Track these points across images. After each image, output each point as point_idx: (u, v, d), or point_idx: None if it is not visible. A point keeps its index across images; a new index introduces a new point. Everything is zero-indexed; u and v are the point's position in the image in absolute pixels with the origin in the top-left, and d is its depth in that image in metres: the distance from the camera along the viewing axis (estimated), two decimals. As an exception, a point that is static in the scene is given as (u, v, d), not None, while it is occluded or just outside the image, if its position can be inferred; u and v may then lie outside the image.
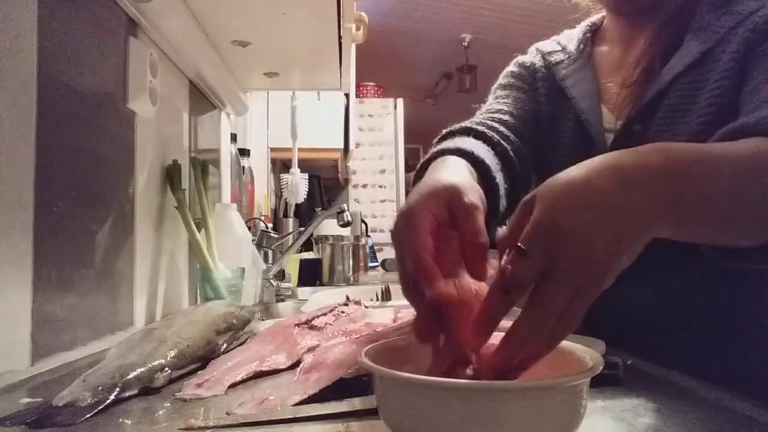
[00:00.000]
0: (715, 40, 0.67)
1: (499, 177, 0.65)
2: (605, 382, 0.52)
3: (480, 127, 0.72)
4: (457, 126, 0.74)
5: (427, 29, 4.04)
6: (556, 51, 0.85)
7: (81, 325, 0.71)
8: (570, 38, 0.87)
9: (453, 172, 0.52)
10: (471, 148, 0.63)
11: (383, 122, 3.95)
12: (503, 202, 0.66)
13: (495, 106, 0.82)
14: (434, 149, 0.65)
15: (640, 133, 0.70)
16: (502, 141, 0.72)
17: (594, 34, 0.85)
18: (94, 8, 0.77)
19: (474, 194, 0.45)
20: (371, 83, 4.16)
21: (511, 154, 0.72)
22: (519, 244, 0.36)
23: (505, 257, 0.38)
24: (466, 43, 4.16)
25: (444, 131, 0.74)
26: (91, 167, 0.75)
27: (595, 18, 0.86)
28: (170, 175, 1.02)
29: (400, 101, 3.98)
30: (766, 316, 0.71)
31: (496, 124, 0.76)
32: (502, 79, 0.89)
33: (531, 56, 0.89)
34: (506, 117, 0.79)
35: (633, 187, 0.38)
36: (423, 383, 0.34)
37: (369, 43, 1.80)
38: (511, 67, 0.89)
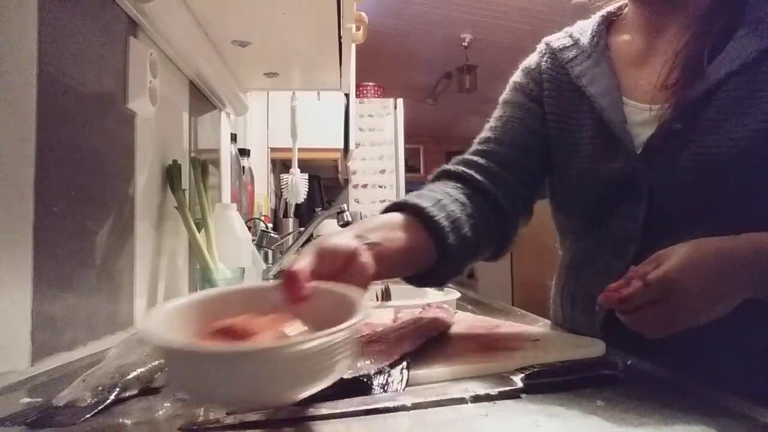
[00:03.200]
0: None
1: (443, 215, 0.65)
2: (605, 382, 0.52)
3: (457, 167, 0.76)
4: (439, 169, 0.78)
5: (427, 29, 4.04)
6: (568, 46, 0.81)
7: (81, 325, 0.71)
8: (583, 30, 0.82)
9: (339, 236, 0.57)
10: (415, 200, 0.65)
11: (383, 122, 3.95)
12: (454, 235, 0.65)
13: (484, 134, 0.82)
14: (388, 205, 0.68)
15: (681, 131, 0.66)
16: (483, 180, 0.74)
17: (610, 24, 0.81)
18: (94, 8, 0.77)
19: (380, 253, 0.55)
20: (371, 83, 4.15)
21: (489, 186, 0.73)
22: (647, 281, 0.54)
23: (633, 282, 0.55)
24: (466, 43, 4.16)
25: (430, 175, 0.78)
26: (91, 167, 0.75)
27: (611, 7, 0.82)
28: (170, 175, 1.02)
29: (400, 101, 3.97)
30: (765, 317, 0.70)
31: (476, 158, 0.77)
32: (505, 93, 0.87)
33: (537, 56, 0.85)
34: (491, 146, 0.79)
35: (732, 270, 0.57)
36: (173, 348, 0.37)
37: (369, 43, 1.80)
38: (515, 77, 0.87)
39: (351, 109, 2.88)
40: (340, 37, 1.16)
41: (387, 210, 0.67)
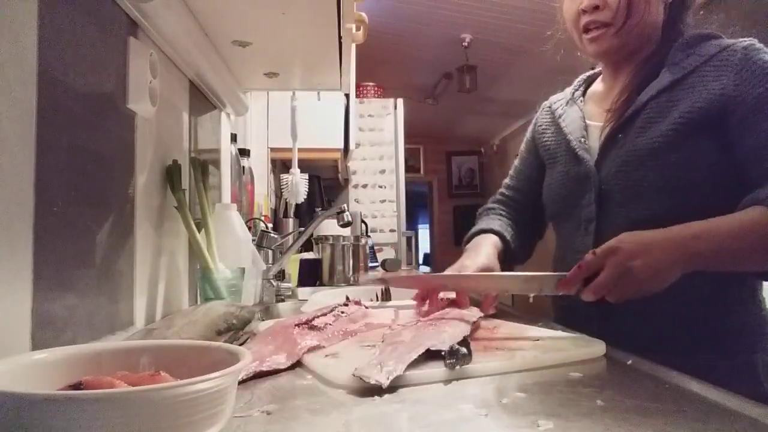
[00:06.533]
0: (684, 73, 0.90)
1: (511, 237, 1.11)
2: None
3: (497, 205, 1.21)
4: (485, 206, 1.22)
5: (427, 29, 4.04)
6: (560, 99, 1.14)
7: (81, 325, 0.71)
8: (572, 87, 1.14)
9: (482, 254, 1.01)
10: (494, 226, 1.11)
11: (383, 122, 3.95)
12: (516, 245, 1.11)
13: (506, 181, 1.24)
14: (476, 228, 1.14)
15: (622, 139, 0.92)
16: (511, 211, 1.19)
17: (592, 80, 1.12)
18: (94, 8, 0.77)
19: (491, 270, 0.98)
20: (371, 83, 4.15)
21: (517, 216, 1.17)
22: (593, 251, 0.76)
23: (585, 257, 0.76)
24: (466, 43, 4.16)
25: (480, 210, 1.23)
26: (91, 167, 0.75)
27: (593, 71, 1.14)
28: (170, 175, 1.02)
29: (400, 101, 3.97)
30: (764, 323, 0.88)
31: (505, 199, 1.21)
32: (522, 146, 1.22)
33: (539, 113, 1.18)
34: (512, 192, 1.21)
35: (657, 240, 0.76)
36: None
37: (369, 43, 1.80)
38: (527, 133, 1.21)
39: (351, 109, 2.88)
40: (340, 37, 1.16)
41: (482, 231, 1.11)
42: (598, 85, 1.09)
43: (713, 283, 0.85)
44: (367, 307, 0.91)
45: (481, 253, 1.01)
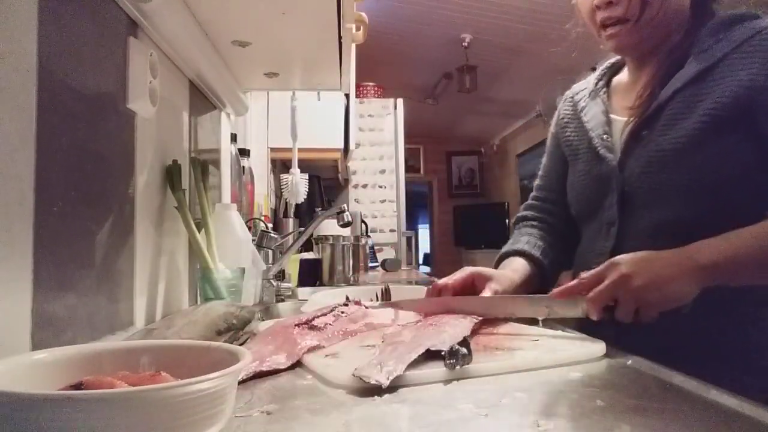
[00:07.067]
0: (712, 62, 0.81)
1: (542, 252, 1.03)
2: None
3: (530, 212, 1.12)
4: (518, 215, 1.14)
5: (427, 29, 4.04)
6: (583, 90, 1.06)
7: (81, 325, 0.71)
8: (595, 76, 1.07)
9: (503, 271, 0.96)
10: (524, 247, 1.03)
11: (383, 122, 3.95)
12: (550, 260, 1.03)
13: (537, 182, 1.15)
14: (504, 249, 1.06)
15: (647, 137, 0.86)
16: (545, 216, 1.10)
17: (618, 68, 1.04)
18: (94, 8, 0.77)
19: (499, 281, 0.90)
20: (371, 83, 4.16)
21: (551, 219, 1.09)
22: (595, 268, 0.74)
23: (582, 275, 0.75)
24: (466, 43, 4.16)
25: (514, 219, 1.16)
26: (91, 167, 0.75)
27: (616, 58, 1.05)
28: (170, 175, 1.02)
29: (400, 101, 3.97)
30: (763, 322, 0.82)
31: (538, 203, 1.13)
32: (547, 141, 1.15)
33: (561, 104, 1.12)
34: (544, 193, 1.12)
35: (661, 255, 0.73)
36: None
37: (369, 43, 1.80)
38: (551, 127, 1.14)
39: (351, 109, 2.88)
40: (340, 37, 1.16)
41: (507, 254, 1.04)
42: (623, 75, 1.02)
43: (734, 294, 0.78)
44: (367, 307, 0.91)
45: (504, 270, 0.98)
